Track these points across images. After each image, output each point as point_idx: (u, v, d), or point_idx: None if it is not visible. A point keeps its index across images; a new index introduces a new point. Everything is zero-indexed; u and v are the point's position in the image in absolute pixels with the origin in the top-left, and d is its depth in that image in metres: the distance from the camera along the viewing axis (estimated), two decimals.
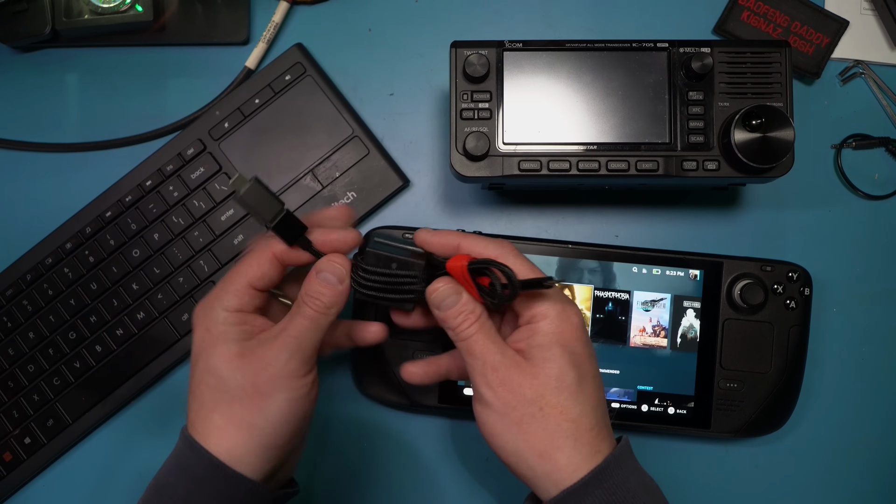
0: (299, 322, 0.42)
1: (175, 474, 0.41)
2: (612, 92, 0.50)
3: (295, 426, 0.41)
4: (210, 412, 0.41)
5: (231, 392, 0.40)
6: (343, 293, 0.42)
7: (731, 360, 0.55)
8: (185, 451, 0.41)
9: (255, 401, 0.40)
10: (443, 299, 0.42)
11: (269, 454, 0.41)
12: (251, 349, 0.41)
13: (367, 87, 0.60)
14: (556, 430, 0.40)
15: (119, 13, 0.59)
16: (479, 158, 0.50)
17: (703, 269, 0.55)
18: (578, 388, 0.41)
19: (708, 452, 0.58)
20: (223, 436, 0.40)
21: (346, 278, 0.42)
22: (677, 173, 0.50)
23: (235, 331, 0.42)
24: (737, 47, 0.50)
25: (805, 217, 0.59)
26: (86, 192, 0.59)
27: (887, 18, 0.59)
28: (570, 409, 0.40)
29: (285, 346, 0.41)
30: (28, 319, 0.58)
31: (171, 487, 0.40)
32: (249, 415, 0.40)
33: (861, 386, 0.58)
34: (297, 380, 0.41)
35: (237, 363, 0.41)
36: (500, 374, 0.40)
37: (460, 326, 0.41)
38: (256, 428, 0.40)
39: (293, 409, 0.41)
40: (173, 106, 0.61)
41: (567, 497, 0.39)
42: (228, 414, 0.40)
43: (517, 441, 0.40)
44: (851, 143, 0.59)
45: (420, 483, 0.58)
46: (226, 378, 0.41)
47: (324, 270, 0.42)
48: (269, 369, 0.40)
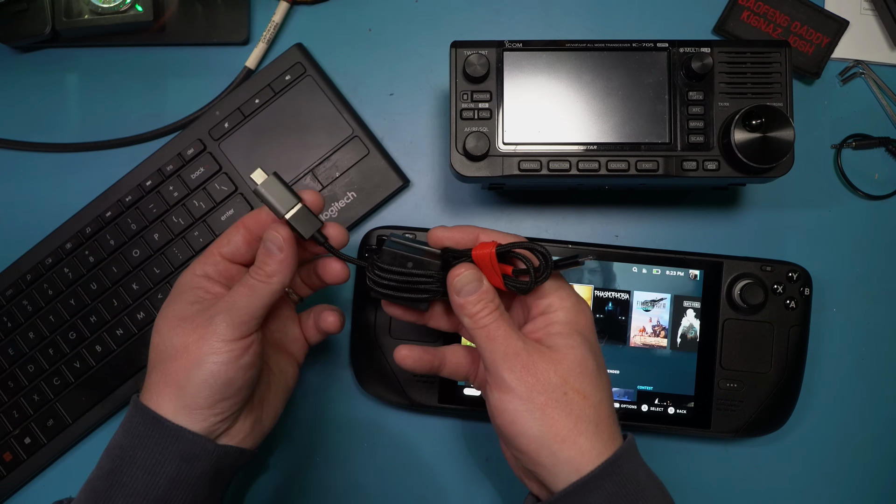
0: (237, 289, 0.43)
1: (122, 435, 0.43)
2: (612, 92, 0.50)
3: (219, 390, 0.42)
4: (150, 371, 0.44)
5: (167, 352, 0.42)
6: (284, 261, 0.43)
7: (731, 360, 0.55)
8: (131, 412, 0.43)
9: (183, 361, 0.42)
10: (465, 284, 0.42)
11: (196, 414, 0.42)
12: (192, 313, 0.43)
13: (367, 87, 0.60)
14: (580, 415, 0.40)
15: (119, 13, 0.59)
16: (479, 158, 0.50)
17: (703, 269, 0.55)
18: (598, 375, 0.41)
19: (708, 452, 0.58)
20: (155, 392, 0.42)
21: (287, 247, 0.43)
22: (677, 173, 0.50)
23: (188, 294, 0.44)
24: (737, 47, 0.50)
25: (805, 217, 0.59)
26: (86, 192, 0.59)
27: (887, 18, 0.59)
28: (591, 395, 0.40)
29: (218, 310, 0.42)
30: (28, 319, 0.58)
31: (118, 448, 0.42)
32: (176, 375, 0.42)
33: (861, 386, 0.58)
34: (224, 343, 0.42)
35: (175, 324, 0.43)
36: (522, 359, 0.40)
37: (480, 313, 0.41)
38: (181, 388, 0.42)
39: (219, 371, 0.41)
40: (173, 106, 0.61)
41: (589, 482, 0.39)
42: (161, 372, 0.42)
43: (541, 426, 0.39)
44: (851, 143, 0.59)
45: (420, 483, 0.58)
46: (164, 338, 0.43)
47: (267, 240, 0.43)
48: (198, 330, 0.42)
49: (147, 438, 0.41)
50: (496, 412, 0.41)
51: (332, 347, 0.58)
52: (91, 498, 0.41)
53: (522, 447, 0.40)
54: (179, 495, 0.41)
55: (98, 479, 0.42)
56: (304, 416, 0.58)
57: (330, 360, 0.58)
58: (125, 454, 0.41)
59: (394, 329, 0.55)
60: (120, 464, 0.41)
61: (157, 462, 0.41)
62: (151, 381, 0.43)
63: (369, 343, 0.55)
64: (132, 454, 0.41)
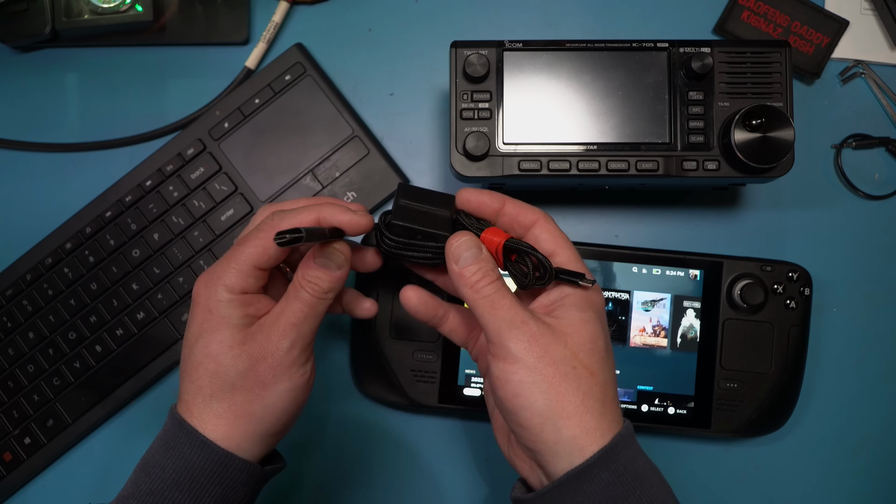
0: (297, 308, 0.41)
1: (163, 453, 0.40)
2: (612, 92, 0.50)
3: (293, 413, 0.42)
4: (209, 398, 0.40)
5: (231, 380, 0.40)
6: (341, 278, 0.42)
7: (731, 360, 0.55)
8: (172, 429, 0.41)
9: (256, 390, 0.40)
10: (463, 251, 0.40)
11: (268, 441, 0.41)
12: (252, 336, 0.41)
13: (367, 87, 0.60)
14: (588, 391, 0.38)
15: (119, 13, 0.59)
16: (479, 158, 0.50)
17: (703, 269, 0.55)
18: (606, 355, 0.40)
19: (708, 452, 0.58)
20: (222, 423, 0.40)
21: (345, 264, 0.42)
22: (677, 173, 0.50)
23: (237, 315, 0.41)
24: (737, 47, 0.50)
25: (805, 217, 0.59)
26: (86, 192, 0.59)
27: (887, 18, 0.59)
28: (599, 374, 0.39)
29: (286, 335, 0.40)
30: (28, 319, 0.58)
31: (159, 467, 0.40)
32: (249, 404, 0.40)
33: (861, 386, 0.58)
34: (298, 368, 0.41)
35: (238, 351, 0.40)
36: (531, 329, 0.38)
37: (480, 282, 0.40)
38: (255, 417, 0.40)
39: (293, 397, 0.41)
40: (173, 106, 0.61)
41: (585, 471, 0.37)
42: (229, 402, 0.40)
43: (548, 399, 0.37)
44: (851, 143, 0.59)
45: (420, 483, 0.58)
46: (226, 365, 0.40)
47: (322, 256, 0.41)
48: (270, 358, 0.40)
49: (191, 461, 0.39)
50: (499, 383, 0.39)
51: (333, 347, 0.58)
52: None
53: (525, 422, 0.38)
54: None
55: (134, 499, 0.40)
56: (305, 417, 0.58)
57: (330, 360, 0.58)
58: (166, 475, 0.39)
59: (394, 329, 0.55)
60: (161, 486, 0.39)
61: (202, 487, 0.39)
62: (213, 411, 0.40)
63: (369, 343, 0.55)
64: (175, 476, 0.39)
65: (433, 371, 0.55)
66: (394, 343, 0.55)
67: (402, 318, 0.55)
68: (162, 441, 0.41)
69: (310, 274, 0.41)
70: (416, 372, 0.55)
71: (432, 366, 0.55)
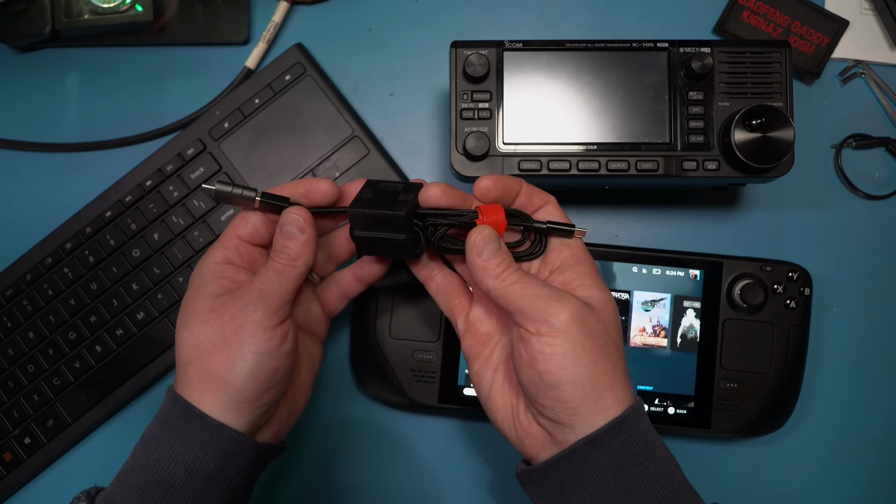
0: (264, 275, 0.42)
1: (159, 428, 0.41)
2: (612, 92, 0.50)
3: (265, 380, 0.41)
4: (186, 366, 0.42)
5: (202, 346, 0.41)
6: (307, 243, 0.42)
7: (731, 360, 0.55)
8: (168, 405, 0.41)
9: (224, 354, 0.40)
10: (486, 244, 0.41)
11: (242, 408, 0.41)
12: (221, 304, 0.41)
13: (367, 87, 0.60)
14: (617, 363, 0.40)
15: (119, 13, 0.59)
16: (479, 158, 0.50)
17: (703, 269, 0.55)
18: (621, 333, 0.43)
19: (708, 452, 0.58)
20: (196, 388, 0.41)
21: (308, 228, 0.42)
22: (677, 173, 0.50)
23: (213, 285, 0.42)
24: (737, 47, 0.50)
25: (805, 217, 0.59)
26: (86, 192, 0.59)
27: (887, 18, 0.59)
28: (621, 347, 0.41)
29: (250, 298, 0.41)
30: (28, 319, 0.58)
31: (156, 441, 0.41)
32: (218, 368, 0.40)
33: (861, 386, 0.58)
34: (264, 331, 0.41)
35: (206, 317, 0.41)
36: (573, 303, 0.39)
37: (505, 273, 0.41)
38: (223, 381, 0.40)
39: (260, 361, 0.40)
40: (173, 106, 0.61)
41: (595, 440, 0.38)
42: (200, 368, 0.41)
43: (589, 371, 0.39)
44: (851, 143, 0.59)
45: (420, 483, 0.58)
46: (196, 332, 0.41)
47: (286, 224, 0.42)
48: (235, 321, 0.41)
49: (187, 434, 0.40)
50: (541, 357, 0.39)
51: (333, 347, 0.58)
52: (126, 492, 0.40)
53: (566, 395, 0.39)
54: (216, 492, 0.41)
55: (133, 473, 0.41)
56: (305, 416, 0.58)
57: (330, 360, 0.58)
58: (162, 448, 0.40)
59: (394, 329, 0.55)
60: (157, 458, 0.40)
61: (197, 459, 0.40)
62: (189, 377, 0.41)
63: (369, 343, 0.55)
64: (170, 448, 0.40)
65: (433, 371, 0.55)
66: (394, 343, 0.55)
67: (402, 318, 0.55)
68: (159, 417, 0.42)
69: (278, 244, 0.43)
70: (416, 372, 0.55)
71: (432, 366, 0.55)
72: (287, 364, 0.42)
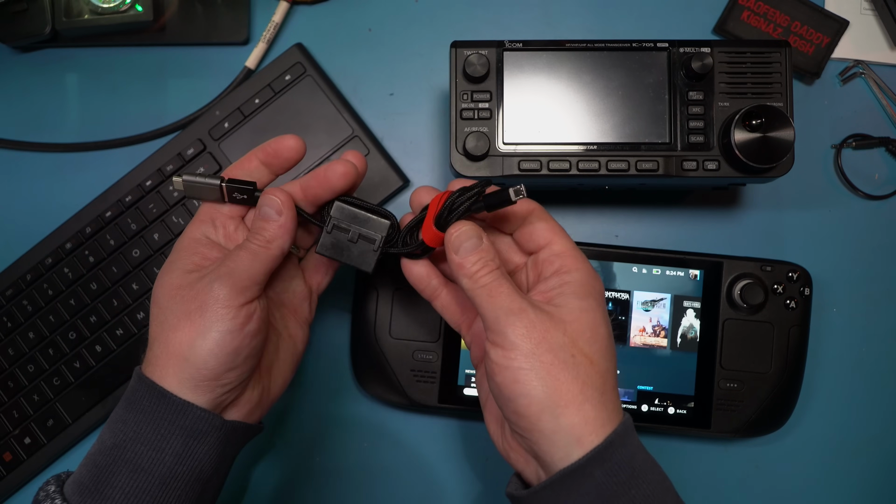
0: (236, 253, 0.41)
1: (125, 409, 0.41)
2: (612, 92, 0.50)
3: (226, 360, 0.40)
4: (152, 343, 0.41)
5: (167, 323, 0.40)
6: (284, 226, 0.42)
7: (731, 360, 0.55)
8: (133, 385, 0.41)
9: (185, 331, 0.40)
10: (464, 241, 0.40)
11: (202, 387, 0.40)
12: (190, 281, 0.41)
13: (367, 87, 0.60)
14: (587, 380, 0.38)
15: (119, 13, 0.59)
16: (479, 158, 0.50)
17: (703, 269, 0.55)
18: (608, 344, 0.40)
19: (708, 452, 0.58)
20: (158, 365, 0.40)
21: (286, 210, 0.42)
22: (677, 173, 0.50)
23: (185, 261, 0.42)
24: (737, 47, 0.50)
25: (805, 217, 0.59)
26: (86, 192, 0.59)
27: (887, 18, 0.59)
28: (599, 363, 0.39)
29: (217, 276, 0.40)
30: (28, 319, 0.58)
31: (121, 422, 0.40)
32: (179, 346, 0.40)
33: (861, 386, 0.58)
34: (228, 310, 0.40)
35: (174, 293, 0.41)
36: (529, 316, 0.38)
37: (480, 272, 0.40)
38: (185, 360, 0.40)
39: (222, 340, 0.40)
40: (173, 106, 0.61)
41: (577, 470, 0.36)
42: (164, 344, 0.40)
43: (546, 387, 0.37)
44: (851, 143, 0.59)
45: (420, 483, 0.58)
46: (163, 307, 0.41)
47: (264, 205, 0.42)
48: (199, 297, 0.40)
49: (152, 413, 0.39)
50: (497, 369, 0.38)
51: (333, 347, 0.58)
52: (93, 473, 0.40)
53: (522, 410, 0.38)
54: (185, 471, 0.40)
55: (100, 454, 0.40)
56: (304, 416, 0.58)
57: (330, 360, 0.58)
58: (128, 429, 0.40)
59: (394, 329, 0.55)
60: (123, 438, 0.39)
61: (163, 438, 0.39)
62: (153, 353, 0.41)
63: (369, 343, 0.55)
64: (136, 429, 0.39)
65: (433, 371, 0.55)
66: (394, 343, 0.55)
67: (402, 318, 0.55)
68: (124, 398, 0.41)
69: (255, 225, 0.42)
70: (416, 372, 0.55)
71: (432, 366, 0.55)
72: (251, 345, 0.41)
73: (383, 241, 0.43)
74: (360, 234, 0.43)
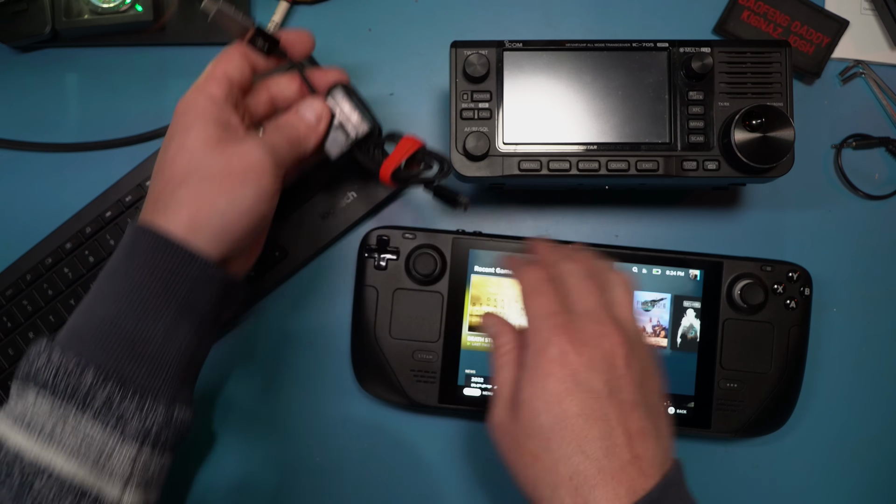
0: (274, 135, 0.45)
1: (124, 259, 0.41)
2: (612, 92, 0.50)
3: (254, 222, 0.42)
4: (177, 186, 0.41)
5: (203, 171, 0.41)
6: (319, 134, 0.47)
7: (731, 360, 0.55)
8: (134, 237, 0.41)
9: (227, 185, 0.41)
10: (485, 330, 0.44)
11: (225, 240, 0.41)
12: (229, 139, 0.42)
13: (367, 86, 0.60)
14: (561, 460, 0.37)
15: (119, 13, 0.59)
16: (479, 158, 0.50)
17: (703, 269, 0.55)
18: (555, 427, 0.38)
19: (708, 452, 0.58)
20: (184, 211, 0.41)
21: (324, 121, 0.47)
22: (677, 173, 0.50)
23: (219, 119, 0.43)
24: (737, 47, 0.50)
25: (805, 217, 0.59)
26: (86, 192, 0.59)
27: (887, 18, 0.59)
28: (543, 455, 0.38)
29: (263, 145, 0.43)
30: (28, 319, 0.58)
31: (121, 272, 0.40)
32: (217, 196, 0.41)
33: (861, 386, 0.58)
34: (269, 178, 0.42)
35: (214, 145, 0.42)
36: (491, 415, 0.41)
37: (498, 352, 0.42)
38: (219, 211, 0.41)
39: (258, 204, 0.42)
40: (173, 106, 0.60)
41: None
42: (196, 190, 0.41)
43: (518, 476, 0.40)
44: (851, 143, 0.59)
45: (420, 483, 0.58)
46: (200, 157, 0.41)
47: (306, 108, 0.47)
48: (247, 159, 0.42)
49: (155, 262, 0.40)
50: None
51: (333, 347, 0.58)
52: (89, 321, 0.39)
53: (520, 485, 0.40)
54: (188, 320, 0.41)
55: (99, 304, 0.40)
56: (304, 416, 0.58)
57: (330, 360, 0.58)
58: (129, 275, 0.40)
59: (394, 329, 0.55)
60: (126, 287, 0.39)
61: (167, 287, 0.40)
62: (178, 197, 0.41)
63: (369, 343, 0.55)
64: (140, 278, 0.39)
65: (433, 371, 0.55)
66: (394, 343, 0.55)
67: (402, 318, 0.55)
68: (122, 250, 0.41)
69: (291, 119, 0.46)
70: (416, 372, 0.55)
71: (432, 366, 0.55)
72: (271, 215, 0.44)
73: (356, 140, 0.48)
74: (342, 123, 0.48)
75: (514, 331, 0.42)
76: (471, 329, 0.55)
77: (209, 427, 0.58)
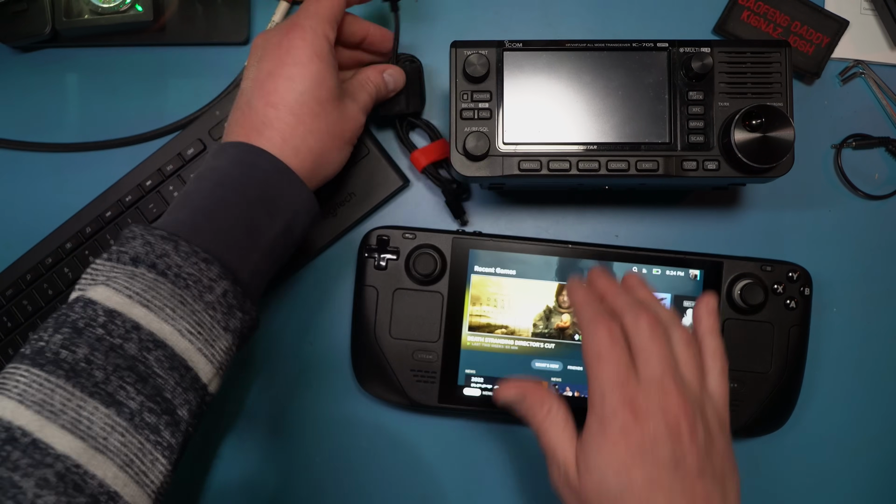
0: (362, 95, 0.51)
1: (240, 171, 0.44)
2: (612, 92, 0.50)
3: (337, 169, 0.50)
4: (287, 114, 0.45)
5: (317, 119, 0.46)
6: (388, 95, 0.54)
7: (732, 360, 0.54)
8: (247, 154, 0.45)
9: (337, 143, 0.48)
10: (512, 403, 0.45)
11: (312, 185, 0.47)
12: (342, 98, 0.48)
13: None
14: None
15: (119, 13, 0.59)
16: (479, 158, 0.50)
17: (703, 269, 0.55)
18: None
19: None
20: (292, 142, 0.45)
21: (399, 90, 0.55)
22: (677, 173, 0.50)
23: (333, 62, 0.47)
24: (737, 47, 0.50)
25: (805, 217, 0.59)
26: (86, 192, 0.59)
27: (887, 18, 0.59)
28: None
29: (364, 112, 0.51)
30: (28, 319, 0.58)
31: (233, 186, 0.44)
32: (329, 149, 0.47)
33: (861, 386, 0.58)
34: (357, 135, 0.50)
35: (331, 97, 0.47)
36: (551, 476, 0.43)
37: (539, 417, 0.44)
38: (327, 161, 0.48)
39: (345, 158, 0.50)
40: (173, 106, 0.61)
41: None
42: (305, 128, 0.46)
43: None
44: (851, 143, 0.59)
45: (420, 483, 0.58)
46: (317, 103, 0.46)
47: (389, 73, 0.54)
48: (355, 125, 0.49)
49: (268, 184, 0.44)
50: None
51: (333, 347, 0.58)
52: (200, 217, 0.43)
53: None
54: (283, 244, 0.45)
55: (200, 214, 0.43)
56: (304, 416, 0.58)
57: (330, 360, 0.58)
58: (248, 193, 0.44)
59: (394, 329, 0.55)
60: (237, 198, 0.43)
61: (277, 207, 0.44)
62: (282, 118, 0.45)
63: (369, 343, 0.55)
64: (256, 193, 0.44)
65: (433, 371, 0.55)
66: (394, 343, 0.55)
67: (402, 318, 0.55)
68: (234, 164, 0.45)
69: (375, 77, 0.53)
70: (416, 372, 0.55)
71: (432, 366, 0.55)
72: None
73: (405, 112, 0.57)
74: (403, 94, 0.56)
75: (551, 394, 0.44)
76: (471, 329, 0.55)
77: (209, 427, 0.58)
